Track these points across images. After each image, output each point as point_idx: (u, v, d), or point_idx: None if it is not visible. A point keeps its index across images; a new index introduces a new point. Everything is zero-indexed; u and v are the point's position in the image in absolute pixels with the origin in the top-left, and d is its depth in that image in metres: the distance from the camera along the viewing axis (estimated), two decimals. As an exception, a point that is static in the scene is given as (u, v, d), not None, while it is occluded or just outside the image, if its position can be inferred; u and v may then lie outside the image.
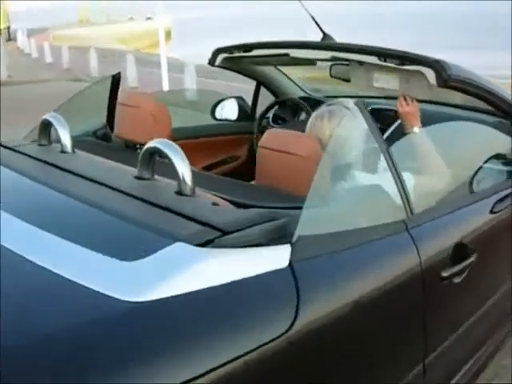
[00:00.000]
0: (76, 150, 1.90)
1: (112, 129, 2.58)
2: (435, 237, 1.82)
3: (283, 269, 1.30)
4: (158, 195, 1.52)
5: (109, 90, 2.60)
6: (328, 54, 2.47)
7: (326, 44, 2.44)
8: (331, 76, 2.87)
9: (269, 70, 3.28)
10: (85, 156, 1.95)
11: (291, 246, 1.33)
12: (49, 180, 1.69)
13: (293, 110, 3.31)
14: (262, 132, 3.21)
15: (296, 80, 3.54)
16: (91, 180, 1.65)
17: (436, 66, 2.15)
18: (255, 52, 2.72)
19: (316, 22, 2.51)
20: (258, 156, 1.98)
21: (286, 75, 3.40)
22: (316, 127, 2.04)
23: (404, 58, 2.22)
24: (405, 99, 2.32)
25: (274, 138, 1.98)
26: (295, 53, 2.58)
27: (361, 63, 2.47)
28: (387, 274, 1.56)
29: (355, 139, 2.00)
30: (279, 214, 1.42)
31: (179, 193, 1.49)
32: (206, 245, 1.25)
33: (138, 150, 2.37)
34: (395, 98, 2.97)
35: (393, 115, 2.90)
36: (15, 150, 1.95)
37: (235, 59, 2.88)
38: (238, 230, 1.31)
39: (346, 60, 2.59)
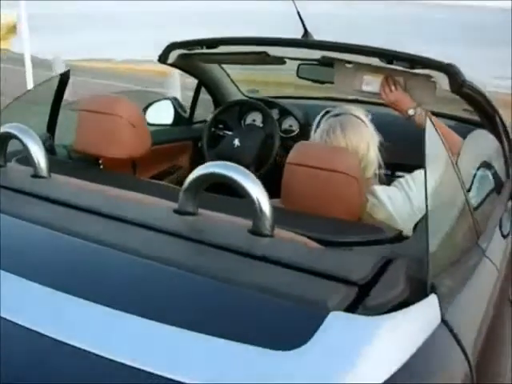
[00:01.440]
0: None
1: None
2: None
3: (439, 326, 1.03)
4: (230, 238, 1.17)
5: (54, 92, 2.11)
6: (315, 54, 2.22)
7: (319, 42, 2.16)
8: (298, 76, 2.63)
9: (213, 70, 2.94)
10: (68, 181, 1.51)
11: (436, 294, 1.06)
12: (52, 221, 1.23)
13: (239, 114, 3.00)
14: (212, 139, 2.88)
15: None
16: (116, 219, 1.24)
17: (450, 70, 2.00)
18: (221, 49, 2.38)
19: (300, 17, 2.23)
20: (286, 174, 1.67)
21: (228, 76, 3.08)
22: (328, 142, 1.83)
23: (414, 61, 2.03)
24: (387, 85, 2.16)
25: (307, 152, 1.69)
26: (274, 51, 2.29)
27: (349, 64, 2.24)
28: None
29: (376, 149, 1.84)
30: (393, 253, 1.16)
31: (255, 232, 1.16)
32: (356, 311, 0.94)
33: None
34: (359, 102, 2.85)
35: None
36: None
37: (192, 56, 2.51)
38: (371, 283, 1.02)
39: (316, 60, 2.39)
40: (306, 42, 2.22)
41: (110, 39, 17.27)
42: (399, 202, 1.82)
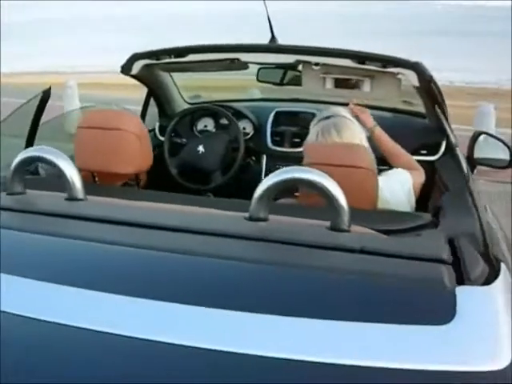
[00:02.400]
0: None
1: None
2: None
3: None
4: (313, 235, 1.23)
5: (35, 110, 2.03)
6: (289, 58, 2.31)
7: (292, 47, 2.26)
8: (258, 80, 2.71)
9: (164, 78, 2.93)
10: (107, 202, 1.48)
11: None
12: (121, 238, 1.21)
13: (190, 121, 3.01)
14: (171, 147, 2.87)
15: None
16: (186, 231, 1.23)
17: (418, 68, 2.19)
18: (190, 57, 2.39)
19: (270, 23, 2.31)
20: None
21: (175, 84, 3.08)
22: (325, 143, 1.92)
23: (385, 61, 2.19)
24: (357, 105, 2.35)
25: (325, 151, 1.77)
26: (246, 57, 2.35)
27: (317, 65, 2.36)
28: None
29: (367, 143, 2.00)
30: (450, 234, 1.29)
31: (335, 229, 1.24)
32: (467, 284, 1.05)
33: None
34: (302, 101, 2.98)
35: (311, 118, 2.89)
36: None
37: (156, 66, 2.50)
38: (458, 260, 1.14)
39: (275, 64, 2.49)
40: (277, 47, 2.31)
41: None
42: (395, 190, 1.98)
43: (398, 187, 2.02)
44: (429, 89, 2.26)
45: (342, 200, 1.23)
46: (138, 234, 1.24)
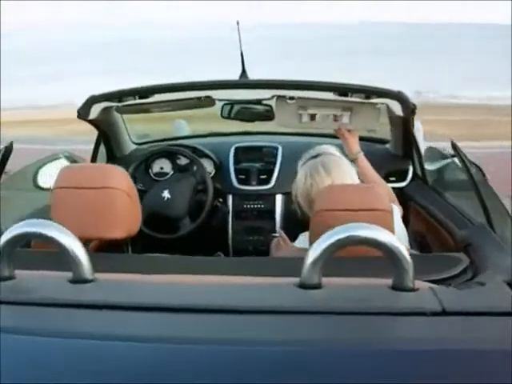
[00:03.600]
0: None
1: None
2: None
3: None
4: (384, 301, 1.09)
5: None
6: (261, 92, 2.18)
7: (267, 81, 2.12)
8: (222, 116, 2.55)
9: (116, 119, 2.69)
10: (117, 279, 1.26)
11: None
12: (153, 331, 0.99)
13: (145, 164, 2.77)
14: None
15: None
16: (227, 311, 1.05)
17: (402, 97, 2.14)
18: (155, 98, 2.19)
19: (242, 56, 2.16)
20: (318, 220, 1.60)
21: (124, 124, 2.85)
22: (314, 185, 1.83)
23: (368, 92, 2.11)
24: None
25: (338, 195, 1.63)
26: (217, 95, 2.19)
27: (292, 99, 2.24)
28: None
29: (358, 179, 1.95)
30: None
31: (400, 288, 1.10)
32: None
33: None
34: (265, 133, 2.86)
35: (273, 152, 2.77)
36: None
37: (113, 108, 2.27)
38: None
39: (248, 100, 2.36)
40: (252, 82, 2.17)
41: None
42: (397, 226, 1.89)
43: (397, 222, 1.92)
44: (410, 117, 2.21)
45: (407, 258, 1.09)
46: (171, 321, 1.04)
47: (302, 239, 1.93)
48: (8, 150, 1.77)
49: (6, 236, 1.14)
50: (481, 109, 13.35)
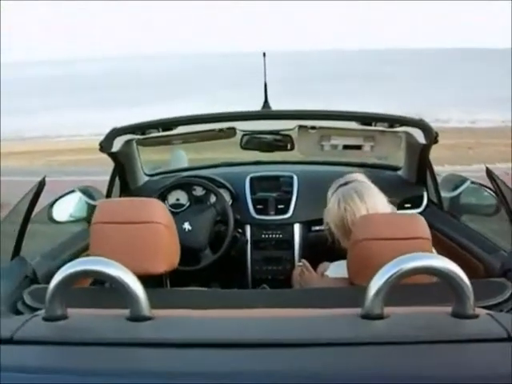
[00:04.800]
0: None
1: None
2: None
3: None
4: (448, 328, 1.09)
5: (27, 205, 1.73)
6: (290, 124, 2.19)
7: (291, 112, 2.13)
8: (242, 147, 2.55)
9: (132, 152, 2.69)
10: (177, 314, 1.24)
11: None
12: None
13: (160, 195, 2.75)
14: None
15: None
16: (291, 345, 1.03)
17: (424, 125, 2.17)
18: (179, 130, 2.20)
19: (265, 87, 2.17)
20: (356, 250, 1.61)
21: (139, 154, 2.84)
22: (349, 210, 1.84)
23: (392, 120, 2.13)
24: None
25: (379, 224, 1.64)
26: (241, 126, 2.20)
27: (313, 129, 2.26)
28: None
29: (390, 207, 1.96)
30: None
31: (459, 315, 1.11)
32: None
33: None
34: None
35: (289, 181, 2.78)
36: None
37: (137, 141, 2.27)
38: None
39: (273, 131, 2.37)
40: (272, 113, 2.18)
41: None
42: None
43: None
44: (431, 145, 2.23)
45: (469, 285, 1.10)
46: (235, 357, 1.02)
47: (334, 268, 1.92)
48: (41, 184, 1.76)
49: (61, 275, 1.13)
50: (468, 132, 13.55)
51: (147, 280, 1.78)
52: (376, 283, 1.10)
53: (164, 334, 1.10)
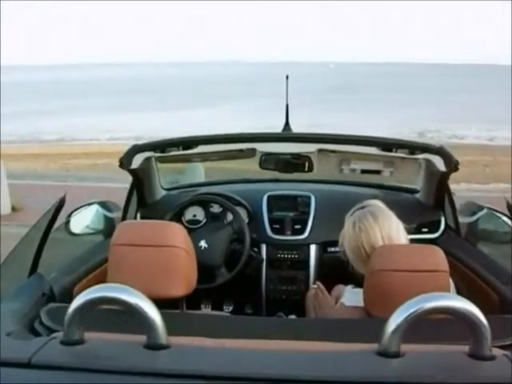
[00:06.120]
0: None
1: None
2: None
3: None
4: (464, 371, 1.07)
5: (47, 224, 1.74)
6: (311, 146, 2.18)
7: (311, 135, 2.14)
8: (261, 167, 2.55)
9: (151, 167, 2.69)
10: (194, 343, 1.24)
11: None
12: None
13: (177, 211, 2.76)
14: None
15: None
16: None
17: (444, 152, 2.15)
18: (199, 149, 2.20)
19: (287, 108, 2.18)
20: (374, 280, 1.60)
21: (157, 169, 2.85)
22: (363, 230, 1.83)
23: (411, 147, 2.13)
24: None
25: (398, 255, 1.63)
26: (263, 147, 2.21)
27: (333, 153, 2.26)
28: None
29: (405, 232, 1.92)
30: None
31: (476, 356, 1.08)
32: None
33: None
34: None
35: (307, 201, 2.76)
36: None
37: (157, 158, 2.28)
38: None
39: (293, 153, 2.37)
40: (293, 136, 2.19)
41: None
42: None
43: None
44: (451, 172, 2.22)
45: (487, 327, 1.09)
46: None
47: (350, 296, 1.91)
48: (62, 201, 1.77)
49: (79, 300, 1.12)
50: (485, 149, 13.49)
51: (163, 300, 1.79)
52: (395, 320, 1.09)
53: (180, 365, 1.10)
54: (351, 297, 1.88)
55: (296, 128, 2.20)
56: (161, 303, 1.77)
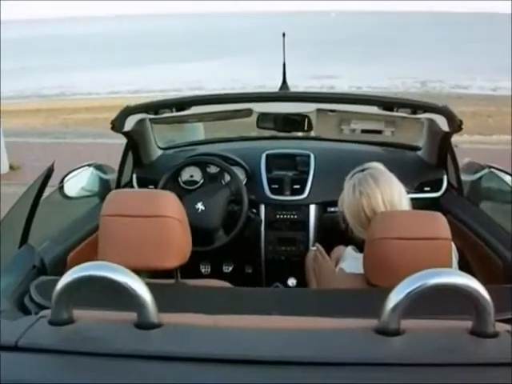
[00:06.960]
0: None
1: None
2: None
3: None
4: (467, 351, 1.04)
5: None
6: (310, 106, 2.11)
7: (309, 94, 2.06)
8: (258, 127, 2.48)
9: (146, 128, 2.62)
10: (187, 320, 1.20)
11: None
12: None
13: (173, 172, 2.70)
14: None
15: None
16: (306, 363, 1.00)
17: (447, 111, 2.08)
18: (194, 110, 2.13)
19: (284, 67, 2.10)
20: (374, 249, 1.56)
21: (152, 128, 2.78)
22: (364, 194, 1.77)
23: (414, 106, 2.05)
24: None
25: (398, 222, 1.58)
26: (259, 107, 2.14)
27: (332, 112, 2.19)
28: None
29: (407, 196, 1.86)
30: None
31: (478, 333, 1.05)
32: None
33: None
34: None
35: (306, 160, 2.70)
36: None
37: (151, 120, 2.21)
38: None
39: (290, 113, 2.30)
40: (291, 95, 2.11)
41: None
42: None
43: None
44: (454, 132, 2.15)
45: (491, 304, 1.05)
46: (240, 374, 0.98)
47: (351, 262, 1.86)
48: (50, 170, 1.72)
49: (67, 279, 1.08)
50: (489, 99, 13.28)
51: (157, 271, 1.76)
52: (395, 297, 1.04)
53: (172, 346, 1.07)
54: (351, 263, 1.84)
55: (299, 79, 2.13)
56: (154, 272, 1.75)
